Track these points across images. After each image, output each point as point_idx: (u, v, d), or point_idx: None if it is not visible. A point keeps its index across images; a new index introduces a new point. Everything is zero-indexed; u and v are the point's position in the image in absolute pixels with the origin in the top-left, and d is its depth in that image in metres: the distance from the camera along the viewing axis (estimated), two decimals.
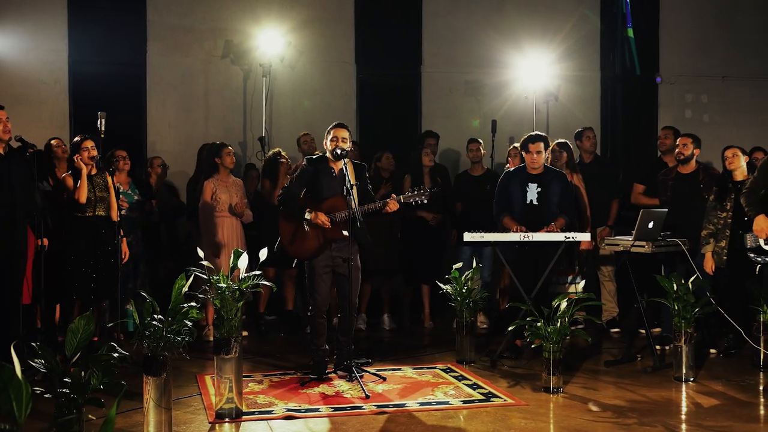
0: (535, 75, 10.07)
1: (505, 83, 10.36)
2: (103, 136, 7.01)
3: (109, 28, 9.60)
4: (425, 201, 6.11)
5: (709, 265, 6.77)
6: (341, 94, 10.18)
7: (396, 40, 10.44)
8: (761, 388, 5.92)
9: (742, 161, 6.82)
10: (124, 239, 6.95)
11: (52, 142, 7.58)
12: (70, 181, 6.73)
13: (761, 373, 6.38)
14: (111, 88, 9.53)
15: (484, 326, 8.31)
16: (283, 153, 8.19)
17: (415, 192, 6.07)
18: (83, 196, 6.65)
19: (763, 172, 5.94)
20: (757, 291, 6.47)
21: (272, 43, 9.50)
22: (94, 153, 6.79)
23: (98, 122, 6.99)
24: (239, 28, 9.80)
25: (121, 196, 7.12)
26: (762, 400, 5.64)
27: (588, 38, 10.80)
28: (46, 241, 6.36)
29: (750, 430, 4.91)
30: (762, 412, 5.37)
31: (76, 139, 6.96)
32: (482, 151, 8.59)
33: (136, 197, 7.77)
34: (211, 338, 7.43)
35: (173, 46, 9.74)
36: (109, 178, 6.91)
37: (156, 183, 8.41)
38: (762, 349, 6.47)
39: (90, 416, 3.74)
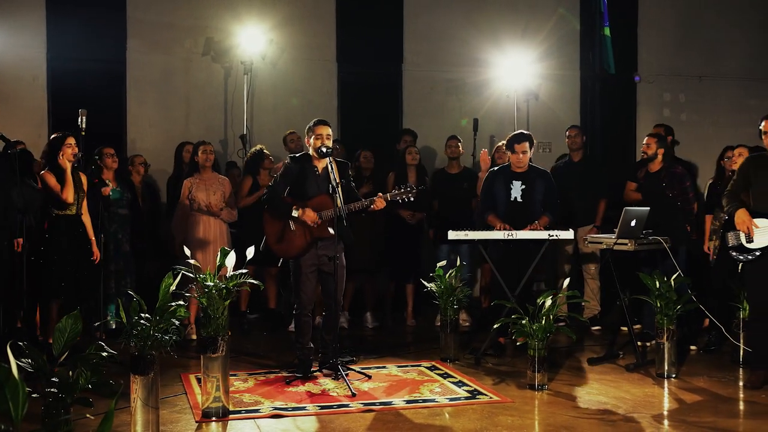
0: (516, 74, 10.11)
1: (487, 82, 10.40)
2: (84, 133, 6.95)
3: (89, 25, 9.50)
4: (412, 199, 6.11)
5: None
6: (323, 91, 10.17)
7: (377, 38, 10.44)
8: (742, 384, 6.00)
9: None
10: (93, 240, 6.92)
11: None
12: (52, 180, 6.67)
13: (741, 369, 6.45)
14: (90, 85, 9.45)
15: (467, 324, 8.34)
16: (266, 150, 8.16)
17: (402, 190, 6.08)
18: (71, 195, 6.61)
19: (741, 174, 6.01)
20: (737, 288, 6.55)
21: (254, 41, 9.46)
22: (76, 150, 6.75)
23: (79, 120, 6.94)
24: (220, 25, 9.75)
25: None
26: (743, 395, 5.71)
27: (568, 37, 10.88)
28: (20, 241, 6.32)
29: (733, 425, 4.97)
30: (744, 407, 5.43)
31: (55, 135, 6.90)
32: (461, 149, 8.60)
33: (126, 195, 7.74)
34: (194, 337, 7.42)
35: (153, 43, 9.68)
36: (83, 177, 6.89)
37: (140, 182, 8.34)
38: (742, 346, 6.56)
39: (88, 415, 3.71)
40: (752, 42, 11.59)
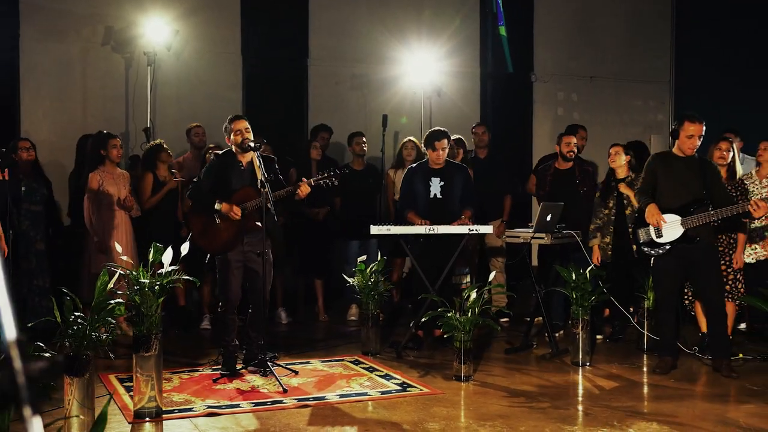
0: (423, 71, 10.25)
1: (393, 78, 10.48)
2: None
3: None
4: (336, 183, 6.13)
5: (596, 257, 7.18)
6: (228, 84, 9.99)
7: (283, 32, 10.34)
8: (651, 369, 6.31)
9: (623, 159, 7.24)
10: (2, 235, 6.58)
11: None
12: None
13: (645, 355, 6.82)
14: None
15: (380, 318, 8.39)
16: (165, 145, 7.93)
17: (326, 174, 6.09)
18: None
19: (648, 172, 6.31)
20: (642, 278, 6.90)
21: (158, 31, 9.18)
22: None
23: None
24: (121, 14, 9.41)
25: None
26: (654, 380, 6.00)
27: (471, 36, 11.12)
28: None
29: (652, 408, 5.24)
30: (658, 392, 5.71)
31: None
32: (365, 146, 8.68)
33: (41, 191, 7.38)
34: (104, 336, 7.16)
35: (49, 30, 9.23)
36: None
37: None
38: (646, 333, 6.92)
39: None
40: (636, 45, 12.19)
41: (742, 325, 7.68)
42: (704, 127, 6.05)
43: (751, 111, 10.37)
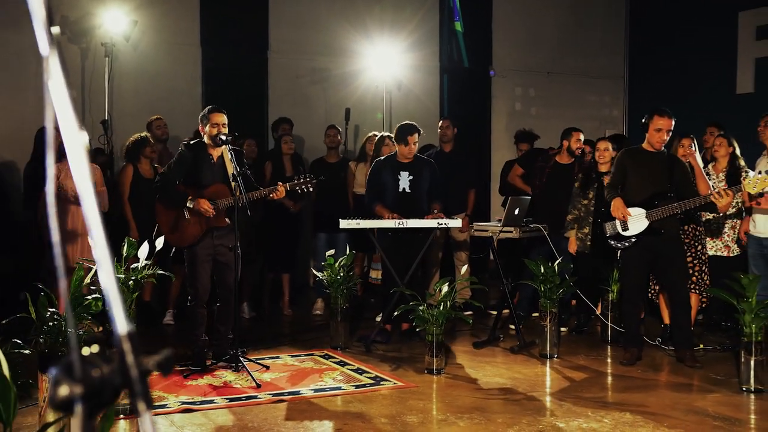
0: (384, 65, 10.24)
1: (355, 72, 10.46)
2: None
3: None
4: (311, 189, 6.09)
5: (573, 248, 7.27)
6: (187, 76, 9.84)
7: (243, 24, 10.21)
8: (616, 360, 6.43)
9: (611, 154, 7.31)
10: None
11: None
12: None
13: (609, 347, 6.94)
14: None
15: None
16: (151, 139, 7.79)
17: (301, 179, 6.05)
18: None
19: (618, 167, 6.40)
20: (606, 272, 7.01)
21: (115, 22, 8.99)
22: None
23: None
24: (77, 3, 9.18)
25: None
26: (620, 371, 6.11)
27: (432, 31, 11.15)
28: None
29: (623, 398, 5.32)
30: (626, 382, 5.81)
31: None
32: (339, 138, 8.65)
33: None
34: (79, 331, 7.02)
35: (0, 19, 8.98)
36: None
37: None
38: (610, 325, 7.04)
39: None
40: (591, 42, 12.37)
41: (700, 317, 7.85)
42: (673, 122, 6.15)
43: (704, 108, 10.56)
